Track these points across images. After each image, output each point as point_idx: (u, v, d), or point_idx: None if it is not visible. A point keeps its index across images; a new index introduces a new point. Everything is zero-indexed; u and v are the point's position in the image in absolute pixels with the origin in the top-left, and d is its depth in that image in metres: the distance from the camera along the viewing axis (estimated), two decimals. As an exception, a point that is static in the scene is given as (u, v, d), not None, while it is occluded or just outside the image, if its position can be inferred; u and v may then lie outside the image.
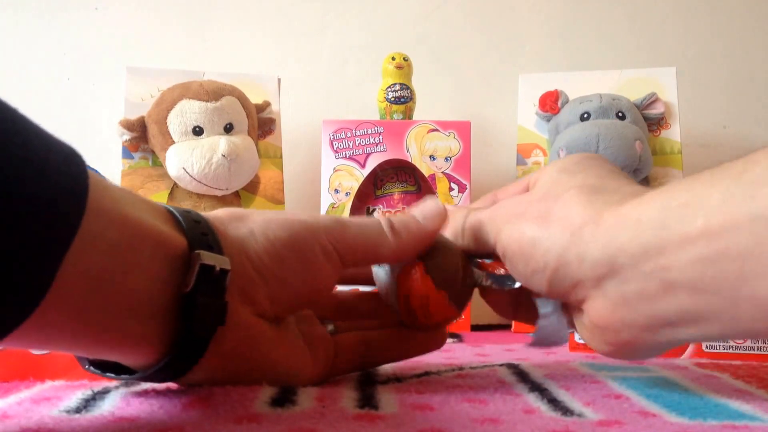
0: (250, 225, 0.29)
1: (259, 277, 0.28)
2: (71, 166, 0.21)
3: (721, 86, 0.92)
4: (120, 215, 0.23)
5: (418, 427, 0.24)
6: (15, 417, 0.26)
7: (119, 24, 0.89)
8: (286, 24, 0.91)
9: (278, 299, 0.29)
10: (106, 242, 0.22)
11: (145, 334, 0.25)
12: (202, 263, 0.25)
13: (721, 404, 0.29)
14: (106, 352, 0.25)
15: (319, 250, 0.30)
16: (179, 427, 0.24)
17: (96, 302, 0.22)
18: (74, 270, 0.21)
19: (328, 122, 0.71)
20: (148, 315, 0.24)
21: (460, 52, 0.92)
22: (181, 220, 0.27)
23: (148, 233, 0.24)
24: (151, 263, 0.24)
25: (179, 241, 0.25)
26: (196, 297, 0.25)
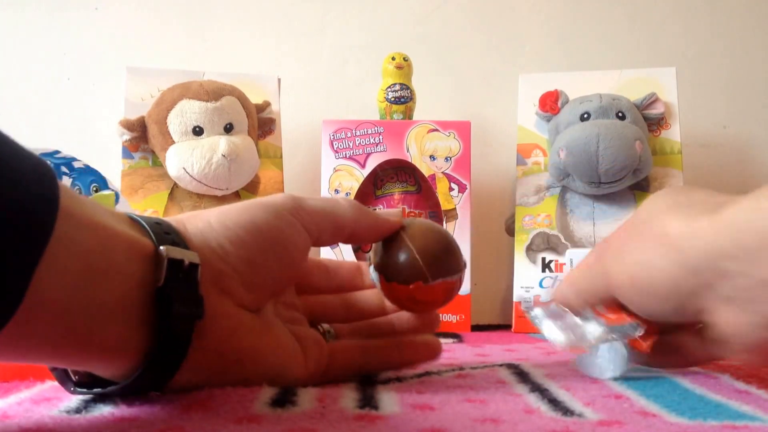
0: (206, 218, 0.29)
1: (227, 266, 0.28)
2: (41, 175, 0.22)
3: (721, 86, 0.92)
4: (92, 220, 0.23)
5: (418, 427, 0.24)
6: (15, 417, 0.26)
7: (119, 24, 0.89)
8: (286, 24, 0.91)
9: (253, 284, 0.29)
10: (81, 246, 0.23)
11: (126, 336, 0.25)
12: (169, 257, 0.25)
13: (721, 404, 0.29)
14: (87, 360, 0.25)
15: (281, 225, 0.30)
16: (179, 427, 0.24)
17: (76, 306, 0.22)
18: (52, 274, 0.21)
19: (328, 122, 0.71)
20: (127, 315, 0.24)
21: (460, 52, 0.92)
22: (143, 223, 0.27)
23: (119, 237, 0.25)
24: (125, 265, 0.24)
25: (146, 243, 0.26)
26: (170, 291, 0.25)
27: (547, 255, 0.72)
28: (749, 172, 0.90)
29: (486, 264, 0.84)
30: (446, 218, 0.69)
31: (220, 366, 0.28)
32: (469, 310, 0.69)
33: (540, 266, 0.72)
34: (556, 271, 0.71)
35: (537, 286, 0.71)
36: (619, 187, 0.70)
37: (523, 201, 0.75)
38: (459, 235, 0.68)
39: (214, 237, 0.28)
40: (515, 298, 0.72)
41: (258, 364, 0.29)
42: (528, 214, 0.74)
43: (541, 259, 0.72)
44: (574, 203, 0.73)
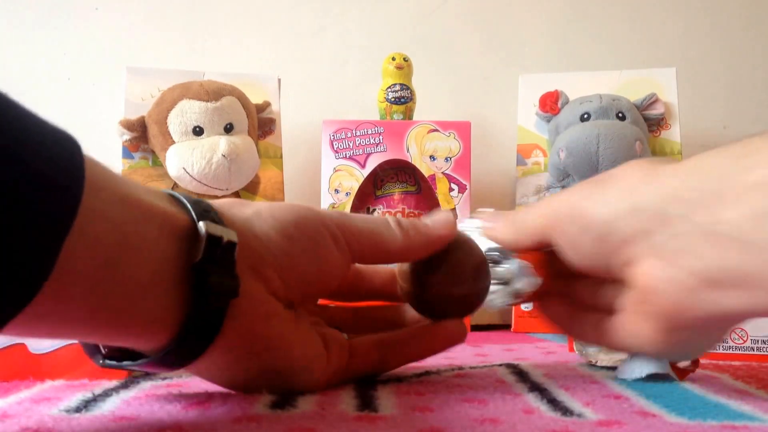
0: (255, 207, 0.29)
1: (268, 253, 0.28)
2: (66, 148, 0.21)
3: (721, 86, 0.92)
4: (120, 193, 0.23)
5: (417, 427, 0.24)
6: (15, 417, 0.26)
7: (119, 24, 0.89)
8: (286, 24, 0.91)
9: (288, 279, 0.28)
10: (112, 219, 0.22)
11: (159, 311, 0.24)
12: (209, 233, 0.25)
13: (720, 404, 0.29)
14: (119, 334, 0.25)
15: (327, 234, 0.30)
16: (179, 426, 0.24)
17: (107, 279, 0.22)
18: (81, 247, 0.21)
19: (328, 122, 0.71)
20: (160, 291, 0.24)
21: (460, 53, 0.92)
22: (182, 199, 0.27)
23: (152, 210, 0.24)
24: (158, 239, 0.24)
25: (183, 218, 0.25)
26: (207, 268, 0.25)
27: (547, 255, 0.72)
28: (749, 173, 0.90)
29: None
30: (446, 218, 0.69)
31: (248, 349, 0.27)
32: (469, 310, 0.69)
33: (540, 266, 0.72)
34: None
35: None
36: (619, 187, 0.70)
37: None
38: (459, 235, 0.69)
39: (261, 225, 0.28)
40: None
41: (285, 354, 0.29)
42: (528, 215, 0.74)
43: (541, 259, 0.72)
44: (574, 203, 0.73)
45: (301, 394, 0.29)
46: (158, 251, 0.24)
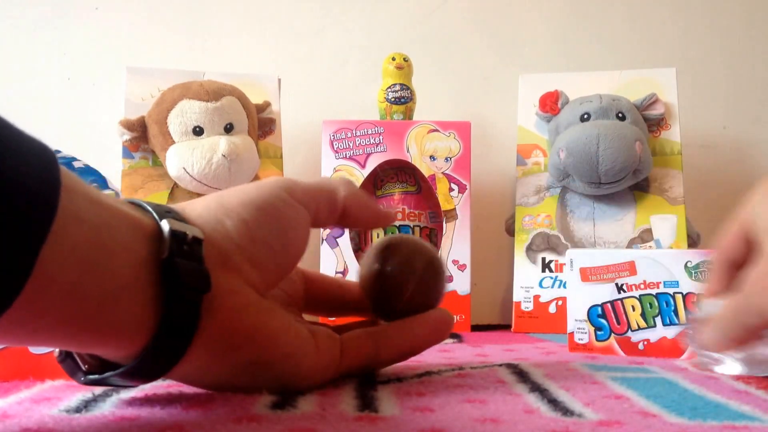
0: (203, 202, 0.30)
1: (230, 242, 0.28)
2: (42, 156, 0.22)
3: (721, 86, 0.92)
4: (93, 198, 0.24)
5: (418, 427, 0.24)
6: (15, 416, 0.26)
7: (119, 24, 0.89)
8: (286, 24, 0.91)
9: (258, 261, 0.29)
10: (87, 223, 0.23)
11: (135, 313, 0.24)
12: (172, 230, 0.25)
13: (720, 405, 0.29)
14: (96, 339, 0.25)
15: (277, 201, 0.30)
16: (179, 426, 0.24)
17: (85, 284, 0.22)
18: (59, 251, 0.21)
19: (329, 122, 0.71)
20: (135, 292, 0.24)
21: (460, 53, 0.92)
22: (143, 204, 0.27)
23: (123, 214, 0.25)
24: (131, 241, 0.24)
25: (149, 221, 0.26)
26: (176, 263, 0.25)
27: (547, 255, 0.72)
28: (749, 173, 0.90)
29: (486, 264, 0.84)
30: (446, 218, 0.69)
31: (229, 343, 0.27)
32: (469, 310, 0.69)
33: (540, 266, 0.72)
34: (556, 271, 0.71)
35: (536, 286, 0.71)
36: (619, 187, 0.70)
37: (523, 201, 0.75)
38: (459, 235, 0.68)
39: (213, 216, 0.28)
40: (515, 298, 0.72)
41: (268, 343, 0.28)
42: (528, 214, 0.74)
43: (541, 259, 0.72)
44: (574, 203, 0.73)
45: (301, 394, 0.29)
46: (132, 253, 0.24)
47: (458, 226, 0.69)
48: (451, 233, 0.69)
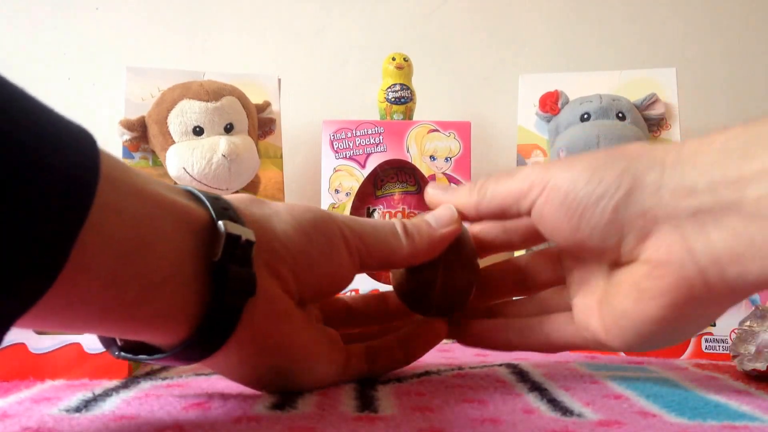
0: (273, 206, 0.29)
1: (286, 251, 0.28)
2: (81, 141, 0.22)
3: (721, 86, 0.92)
4: (136, 188, 0.23)
5: (417, 427, 0.24)
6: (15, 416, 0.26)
7: (120, 24, 0.89)
8: (286, 24, 0.91)
9: (303, 278, 0.29)
10: (127, 213, 0.22)
11: (175, 307, 0.24)
12: (228, 232, 0.25)
13: (720, 405, 0.29)
14: (135, 328, 0.25)
15: (340, 238, 0.30)
16: (179, 426, 0.24)
17: (123, 273, 0.22)
18: (97, 240, 0.21)
19: (329, 122, 0.71)
20: (177, 285, 0.24)
21: (460, 52, 0.92)
22: (201, 196, 0.27)
23: (169, 205, 0.24)
24: (175, 234, 0.24)
25: (201, 214, 0.26)
26: (226, 265, 0.25)
27: (547, 255, 0.72)
28: (749, 173, 0.90)
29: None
30: (446, 218, 0.69)
31: (261, 346, 0.28)
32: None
33: (540, 266, 0.72)
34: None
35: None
36: (619, 187, 0.70)
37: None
38: (459, 236, 0.68)
39: (279, 224, 0.28)
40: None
41: (297, 353, 0.29)
42: (528, 215, 0.74)
43: (541, 259, 0.72)
44: (574, 203, 0.73)
45: (300, 394, 0.29)
46: (174, 246, 0.24)
47: (458, 226, 0.69)
48: (451, 233, 0.69)
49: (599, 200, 0.28)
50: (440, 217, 0.34)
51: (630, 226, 0.28)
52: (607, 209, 0.28)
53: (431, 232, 0.33)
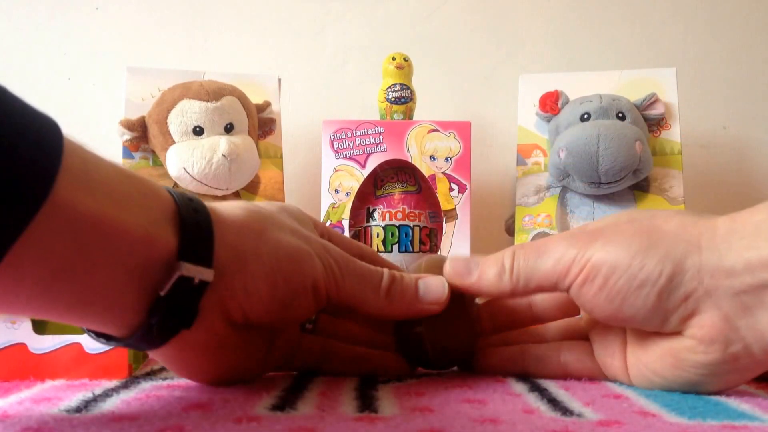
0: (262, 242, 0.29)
1: (245, 294, 0.28)
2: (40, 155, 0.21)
3: (721, 86, 0.92)
4: (94, 212, 0.23)
5: (417, 427, 0.24)
6: (15, 416, 0.26)
7: (120, 24, 0.89)
8: (286, 24, 0.91)
9: (254, 318, 0.29)
10: (71, 237, 0.22)
11: (110, 320, 0.26)
12: (182, 275, 0.25)
13: (720, 404, 0.29)
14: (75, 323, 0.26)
15: (310, 289, 0.30)
16: (179, 426, 0.24)
17: (59, 287, 0.23)
18: (34, 256, 0.22)
19: (329, 122, 0.71)
20: (115, 305, 0.25)
21: (460, 52, 0.92)
22: (182, 217, 0.26)
23: (126, 232, 0.24)
24: (126, 261, 0.24)
25: (166, 243, 0.26)
26: (168, 301, 0.26)
27: (547, 255, 0.72)
28: (749, 173, 0.90)
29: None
30: (446, 218, 0.69)
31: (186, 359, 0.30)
32: (469, 310, 0.69)
33: (540, 266, 0.72)
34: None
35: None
36: (620, 187, 0.70)
37: (523, 201, 0.75)
38: (459, 235, 0.68)
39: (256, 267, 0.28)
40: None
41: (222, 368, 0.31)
42: (528, 214, 0.74)
43: (541, 259, 0.72)
44: (574, 203, 0.73)
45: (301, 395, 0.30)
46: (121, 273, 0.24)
47: (458, 226, 0.69)
48: (451, 233, 0.69)
49: (642, 287, 0.29)
50: (430, 291, 0.34)
51: (674, 309, 0.29)
52: (651, 296, 0.29)
53: (413, 303, 0.33)
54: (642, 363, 0.32)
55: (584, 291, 0.30)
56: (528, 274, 0.32)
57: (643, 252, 0.29)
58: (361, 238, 0.70)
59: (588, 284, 0.30)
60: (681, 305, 0.29)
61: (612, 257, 0.29)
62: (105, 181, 0.24)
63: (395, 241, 0.69)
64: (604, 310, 0.30)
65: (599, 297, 0.30)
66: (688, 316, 0.29)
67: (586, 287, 0.30)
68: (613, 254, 0.29)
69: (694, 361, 0.29)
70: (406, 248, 0.69)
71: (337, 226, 0.68)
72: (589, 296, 0.30)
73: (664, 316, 0.29)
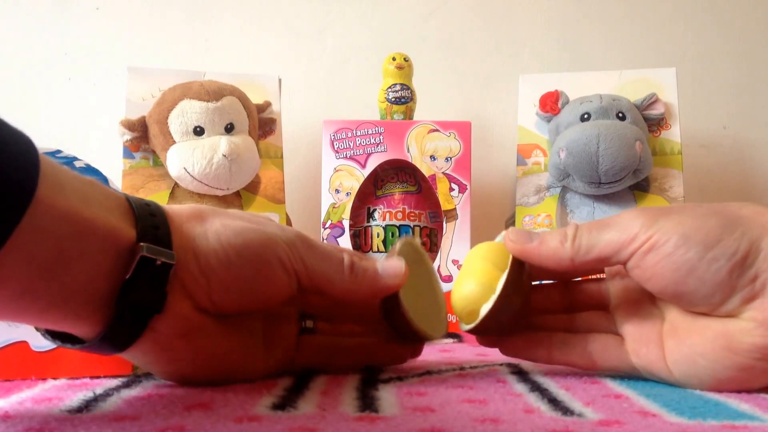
0: (206, 225, 0.30)
1: (202, 276, 0.29)
2: (21, 163, 0.23)
3: (721, 86, 0.92)
4: (69, 211, 0.24)
5: (418, 427, 0.24)
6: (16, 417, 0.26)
7: (120, 24, 0.89)
8: (286, 24, 0.91)
9: (219, 300, 0.30)
10: (52, 235, 0.24)
11: (86, 315, 0.26)
12: (142, 255, 0.26)
13: (720, 404, 0.29)
14: (49, 324, 0.27)
15: (276, 262, 0.31)
16: (180, 426, 0.24)
17: (39, 286, 0.24)
18: (18, 257, 0.23)
19: (329, 122, 0.71)
20: (89, 299, 0.26)
21: (461, 52, 0.92)
22: (137, 212, 0.28)
23: (96, 227, 0.25)
24: (97, 255, 0.25)
25: (128, 234, 0.27)
26: (133, 285, 0.26)
27: (547, 255, 0.72)
28: (749, 173, 0.90)
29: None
30: (446, 218, 0.69)
31: (170, 356, 0.30)
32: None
33: (540, 266, 0.72)
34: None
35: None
36: (620, 187, 0.70)
37: (523, 201, 0.75)
38: (459, 235, 0.69)
39: (203, 247, 0.29)
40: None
41: (216, 364, 0.31)
42: (528, 214, 0.74)
43: (541, 259, 0.72)
44: (574, 203, 0.73)
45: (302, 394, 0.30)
46: (93, 266, 0.25)
47: (458, 226, 0.69)
48: (451, 233, 0.69)
49: (714, 261, 0.29)
50: (387, 268, 0.34)
51: (741, 287, 0.29)
52: (723, 270, 0.29)
53: (375, 280, 0.34)
54: (686, 345, 0.32)
55: (648, 258, 0.30)
56: (590, 243, 0.32)
57: (722, 227, 0.30)
58: (361, 237, 0.70)
59: (654, 252, 0.30)
60: (748, 285, 0.29)
61: (685, 228, 0.30)
62: (73, 185, 0.25)
63: (395, 241, 0.69)
64: (663, 279, 0.30)
65: (663, 266, 0.30)
66: (752, 297, 0.29)
67: (651, 255, 0.30)
68: (688, 226, 0.30)
69: (751, 344, 0.29)
70: (406, 248, 0.69)
71: (337, 226, 0.69)
72: (651, 264, 0.30)
73: (728, 293, 0.30)
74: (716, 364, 0.31)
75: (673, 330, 0.33)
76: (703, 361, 0.31)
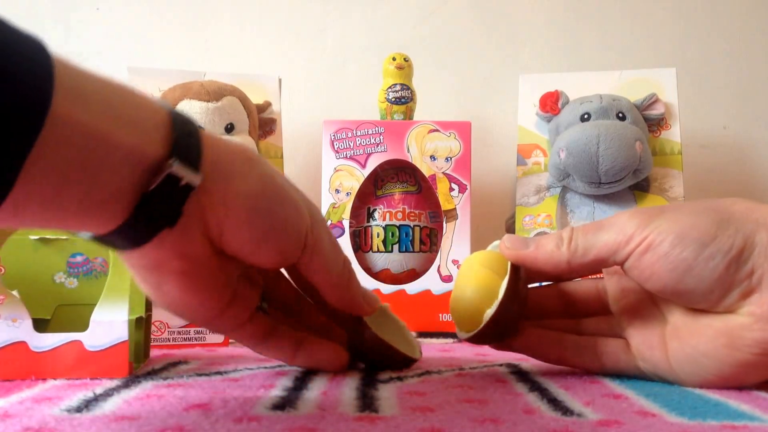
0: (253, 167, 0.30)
1: (224, 207, 0.29)
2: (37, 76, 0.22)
3: (721, 86, 0.92)
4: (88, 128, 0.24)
5: (418, 427, 0.24)
6: (16, 416, 0.26)
7: (120, 24, 0.89)
8: (287, 24, 0.91)
9: (229, 238, 0.29)
10: (73, 147, 0.23)
11: (104, 220, 0.26)
12: (170, 173, 0.26)
13: (720, 404, 0.29)
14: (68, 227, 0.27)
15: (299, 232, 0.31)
16: (179, 426, 0.24)
17: (64, 194, 0.24)
18: (42, 166, 0.22)
19: (329, 122, 0.71)
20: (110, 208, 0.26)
21: (461, 53, 0.92)
22: (176, 129, 0.27)
23: (120, 143, 0.25)
24: (121, 168, 0.25)
25: (154, 151, 0.26)
26: (152, 198, 0.26)
27: (547, 255, 0.72)
28: (749, 173, 0.90)
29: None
30: (446, 218, 0.69)
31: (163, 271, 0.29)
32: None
33: (540, 266, 0.72)
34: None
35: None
36: (620, 187, 0.70)
37: (523, 201, 0.75)
38: (459, 235, 0.69)
39: (236, 189, 0.29)
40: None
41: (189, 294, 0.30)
42: (528, 214, 0.74)
43: (541, 259, 0.72)
44: (574, 203, 0.73)
45: (302, 394, 0.30)
46: (117, 179, 0.25)
47: (458, 226, 0.69)
48: (451, 233, 0.69)
49: (711, 258, 0.30)
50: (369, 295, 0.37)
51: (738, 283, 0.30)
52: (719, 267, 0.30)
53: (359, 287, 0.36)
54: (689, 345, 0.32)
55: (645, 258, 0.31)
56: (587, 245, 0.33)
57: (716, 225, 0.30)
58: (361, 237, 0.70)
59: (650, 252, 0.31)
60: (745, 280, 0.30)
61: (681, 227, 0.30)
62: (98, 95, 0.25)
63: (395, 241, 0.69)
64: (661, 279, 0.31)
65: (661, 266, 0.30)
66: (749, 292, 0.30)
67: (648, 255, 0.31)
68: (682, 224, 0.30)
69: (751, 339, 0.30)
70: (406, 248, 0.69)
71: (337, 226, 0.68)
72: (648, 264, 0.31)
73: (726, 289, 0.30)
74: (719, 362, 0.31)
75: (676, 331, 0.33)
76: (706, 361, 0.31)
